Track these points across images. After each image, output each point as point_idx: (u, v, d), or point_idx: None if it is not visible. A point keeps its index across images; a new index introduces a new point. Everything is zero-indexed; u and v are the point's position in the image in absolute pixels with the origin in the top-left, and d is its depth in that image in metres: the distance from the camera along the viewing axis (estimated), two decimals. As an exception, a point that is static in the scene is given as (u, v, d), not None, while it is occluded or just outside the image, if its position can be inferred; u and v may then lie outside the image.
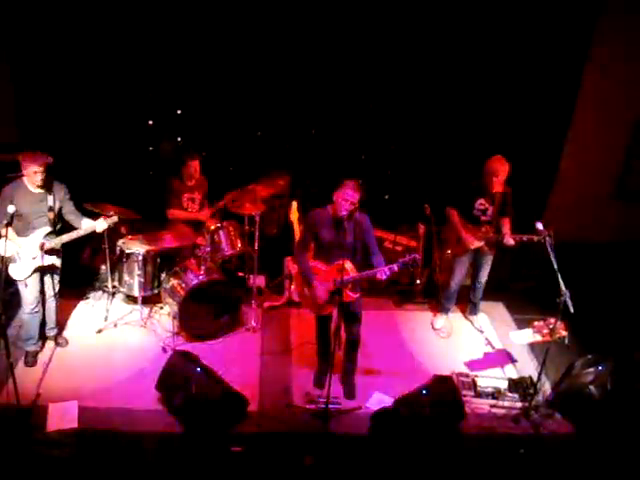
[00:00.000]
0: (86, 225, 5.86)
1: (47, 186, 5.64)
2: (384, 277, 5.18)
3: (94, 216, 6.01)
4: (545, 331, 6.25)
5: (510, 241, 6.27)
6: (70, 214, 5.87)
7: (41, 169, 5.44)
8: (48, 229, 5.70)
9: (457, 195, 6.65)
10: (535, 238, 5.96)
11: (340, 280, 5.16)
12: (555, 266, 5.37)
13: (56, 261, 5.92)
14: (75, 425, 5.30)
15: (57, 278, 6.04)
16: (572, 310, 5.34)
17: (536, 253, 5.95)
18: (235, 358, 6.30)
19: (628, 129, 8.42)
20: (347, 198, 5.16)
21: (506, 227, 6.43)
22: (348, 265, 5.27)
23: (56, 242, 5.75)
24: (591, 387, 5.60)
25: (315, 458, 5.12)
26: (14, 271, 5.65)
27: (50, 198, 5.66)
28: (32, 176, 5.46)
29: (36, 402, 5.50)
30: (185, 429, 5.33)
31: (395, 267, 5.16)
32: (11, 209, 5.13)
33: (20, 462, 4.92)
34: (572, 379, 5.76)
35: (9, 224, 5.23)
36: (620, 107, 8.25)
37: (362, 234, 5.36)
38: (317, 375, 6.04)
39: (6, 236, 5.25)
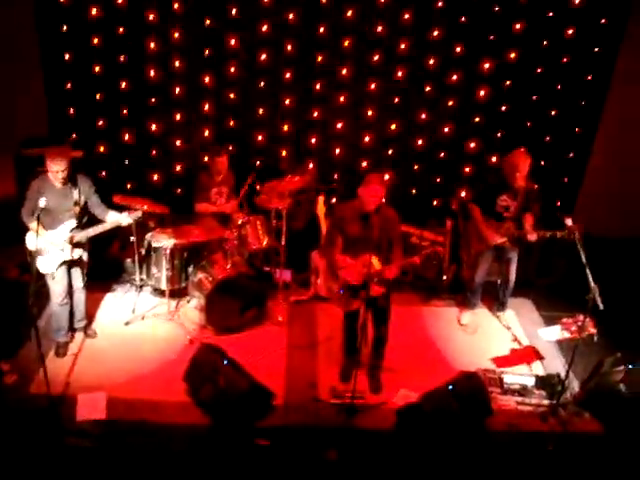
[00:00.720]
0: (112, 219, 5.92)
1: (72, 180, 5.70)
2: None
3: (122, 209, 6.06)
4: (574, 328, 6.21)
5: (533, 237, 6.20)
6: (96, 207, 5.93)
7: (61, 168, 5.50)
8: (74, 223, 5.76)
9: (480, 191, 6.60)
10: (559, 234, 5.90)
11: (375, 273, 5.18)
12: (584, 261, 5.30)
13: (83, 254, 5.99)
14: (104, 416, 5.36)
15: (85, 271, 6.11)
16: (601, 307, 5.27)
17: (564, 249, 5.89)
18: (261, 352, 6.32)
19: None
20: (373, 193, 5.15)
21: (528, 223, 6.35)
22: (374, 259, 5.26)
23: (82, 236, 5.81)
24: (621, 385, 5.53)
25: (340, 452, 5.12)
26: (42, 264, 5.73)
27: (75, 192, 5.72)
28: (54, 174, 5.53)
29: (66, 393, 5.59)
30: (212, 421, 5.37)
31: (416, 259, 5.17)
32: (42, 203, 5.20)
33: (50, 451, 5.00)
34: (601, 377, 5.69)
35: (38, 218, 5.30)
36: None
37: (388, 229, 5.35)
38: (343, 370, 6.04)
39: (37, 230, 5.33)
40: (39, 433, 5.12)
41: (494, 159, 8.32)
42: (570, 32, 7.76)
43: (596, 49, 7.87)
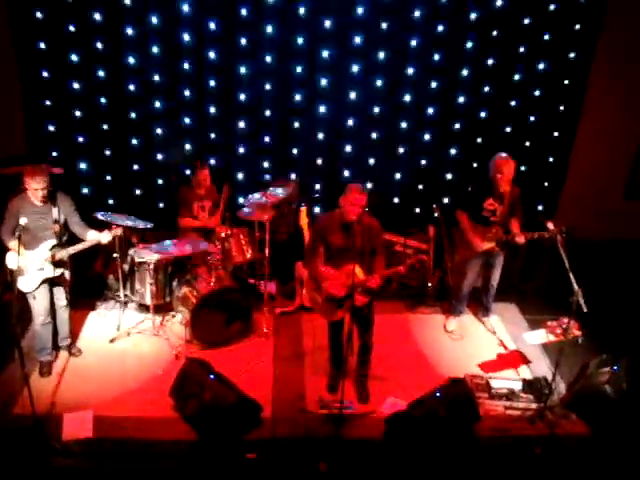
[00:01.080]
0: (91, 237, 5.88)
1: (52, 199, 5.66)
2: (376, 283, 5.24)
3: (103, 226, 6.03)
4: (558, 331, 6.26)
5: (521, 239, 6.23)
6: (76, 226, 5.89)
7: (41, 186, 5.45)
8: (54, 241, 5.72)
9: (466, 197, 6.63)
10: (546, 234, 5.94)
11: (359, 283, 5.18)
12: (567, 265, 5.34)
13: (65, 272, 5.95)
14: (90, 434, 5.31)
15: (67, 289, 6.07)
16: (585, 309, 5.31)
17: (547, 252, 5.93)
18: (248, 364, 6.30)
19: (637, 128, 8.40)
20: (355, 202, 5.15)
21: (515, 226, 6.39)
22: (357, 269, 5.26)
23: (62, 254, 5.77)
24: (606, 387, 5.55)
25: (329, 463, 5.10)
26: (22, 283, 5.69)
27: (55, 211, 5.68)
28: (33, 192, 5.50)
29: (51, 412, 5.53)
30: (199, 436, 5.34)
31: (401, 269, 5.18)
32: (22, 221, 5.17)
33: (36, 472, 4.94)
34: (587, 379, 5.71)
35: (19, 237, 5.26)
36: (629, 106, 8.23)
37: (371, 238, 5.36)
38: (330, 380, 6.03)
39: (18, 250, 5.29)
40: (24, 454, 5.05)
41: (475, 165, 8.37)
42: (546, 37, 7.85)
43: (572, 54, 7.97)
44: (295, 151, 8.38)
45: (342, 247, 5.34)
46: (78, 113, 7.99)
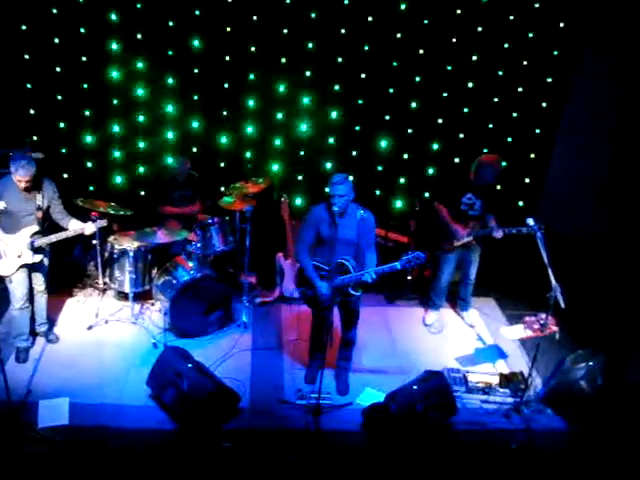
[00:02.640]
0: (74, 227, 5.82)
1: (37, 185, 5.60)
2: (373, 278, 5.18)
3: (83, 213, 5.97)
4: (536, 326, 6.27)
5: (499, 234, 6.25)
6: (58, 214, 5.83)
7: (24, 178, 5.36)
8: (36, 228, 5.66)
9: (444, 190, 6.65)
10: (524, 230, 5.97)
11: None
12: (546, 261, 5.37)
13: (44, 258, 5.89)
14: (66, 422, 5.27)
15: (45, 275, 6.01)
16: (563, 305, 5.35)
17: (527, 247, 5.96)
18: (226, 354, 6.29)
19: (615, 130, 8.46)
20: (335, 193, 5.15)
21: (493, 221, 6.41)
22: (348, 263, 5.25)
23: (44, 241, 5.71)
24: (582, 382, 5.61)
25: (306, 454, 5.11)
26: (0, 267, 5.64)
27: (39, 197, 5.62)
28: (17, 181, 5.42)
29: (27, 399, 5.47)
30: (176, 425, 5.32)
31: (398, 265, 5.15)
32: (1, 205, 5.11)
33: (10, 459, 4.90)
34: (563, 374, 5.76)
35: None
36: (610, 109, 8.30)
37: (365, 232, 5.32)
38: (309, 371, 6.04)
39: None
40: (-1, 440, 5.02)
41: (456, 160, 8.41)
42: (530, 34, 7.89)
43: (555, 52, 8.01)
44: (277, 142, 8.36)
45: (332, 238, 5.28)
46: (59, 98, 7.90)
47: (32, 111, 7.94)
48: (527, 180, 8.77)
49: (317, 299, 5.44)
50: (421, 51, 7.92)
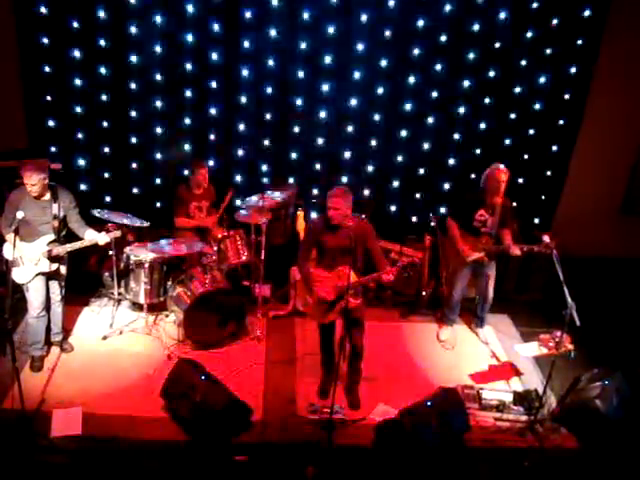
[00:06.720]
0: (90, 237, 5.89)
1: (53, 194, 5.67)
2: (388, 278, 5.27)
3: (100, 224, 6.02)
4: (551, 344, 6.26)
5: (516, 251, 6.22)
6: (74, 223, 5.90)
7: (31, 182, 5.44)
8: (52, 237, 5.73)
9: (457, 206, 6.64)
10: (535, 248, 5.95)
11: (346, 286, 5.17)
12: (561, 278, 5.34)
13: (61, 267, 5.95)
14: (79, 432, 5.29)
15: (62, 284, 6.07)
16: (578, 323, 5.32)
17: (542, 265, 5.94)
18: (239, 367, 6.29)
19: (635, 145, 8.43)
20: (330, 205, 5.19)
21: (508, 238, 6.38)
22: (348, 272, 5.25)
23: (59, 251, 5.77)
24: (597, 401, 5.54)
25: (318, 469, 5.09)
26: (17, 275, 5.69)
27: (55, 206, 5.69)
28: (28, 187, 5.50)
29: (40, 407, 5.51)
30: (189, 437, 5.32)
31: (393, 270, 5.19)
32: (20, 215, 5.17)
33: (23, 468, 4.91)
34: (578, 393, 5.72)
35: (16, 230, 5.26)
36: (627, 123, 8.27)
37: (363, 243, 5.36)
38: (321, 385, 6.03)
39: (14, 243, 5.30)
40: (11, 449, 5.01)
41: (472, 176, 8.39)
42: (548, 51, 7.88)
43: (573, 69, 8.00)
44: (294, 155, 8.38)
45: (331, 250, 5.37)
46: (79, 109, 7.98)
47: (51, 123, 8.02)
48: (543, 197, 8.72)
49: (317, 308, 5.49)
50: (438, 67, 7.92)
